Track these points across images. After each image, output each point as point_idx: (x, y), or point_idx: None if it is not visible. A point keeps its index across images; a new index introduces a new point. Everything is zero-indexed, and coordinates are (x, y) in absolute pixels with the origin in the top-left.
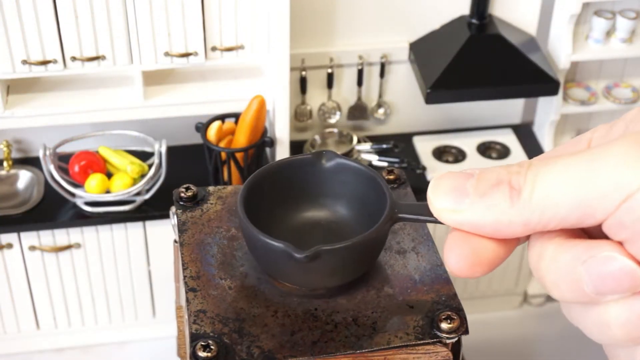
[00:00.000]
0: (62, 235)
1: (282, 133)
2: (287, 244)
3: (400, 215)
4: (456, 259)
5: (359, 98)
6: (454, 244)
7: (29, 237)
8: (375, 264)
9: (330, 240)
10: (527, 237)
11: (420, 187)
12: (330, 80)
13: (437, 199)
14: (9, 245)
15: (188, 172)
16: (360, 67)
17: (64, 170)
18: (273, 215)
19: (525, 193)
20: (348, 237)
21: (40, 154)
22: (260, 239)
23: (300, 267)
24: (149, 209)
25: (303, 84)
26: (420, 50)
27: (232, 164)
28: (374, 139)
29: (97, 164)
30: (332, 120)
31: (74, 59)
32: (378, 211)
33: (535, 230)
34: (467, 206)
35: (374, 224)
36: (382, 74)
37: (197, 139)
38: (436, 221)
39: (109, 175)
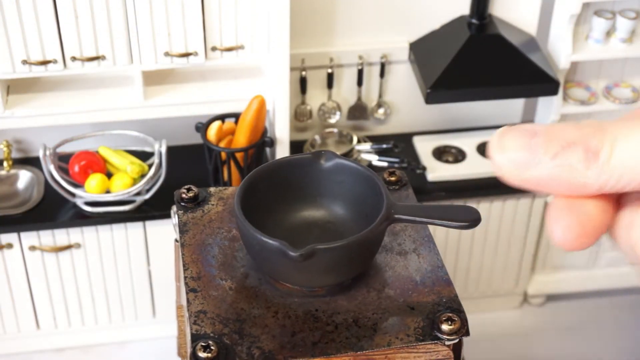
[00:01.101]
0: (62, 235)
1: (282, 133)
2: (282, 242)
3: (396, 216)
4: (562, 231)
5: (359, 98)
6: (558, 216)
7: (29, 237)
8: (376, 265)
9: (327, 240)
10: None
11: (420, 187)
12: (330, 80)
13: (503, 158)
14: (9, 245)
15: (188, 172)
16: (360, 67)
17: (64, 170)
18: (271, 213)
19: (603, 156)
20: (345, 237)
21: (40, 154)
22: (256, 237)
23: (295, 266)
24: (149, 209)
25: (303, 84)
26: (420, 50)
27: (232, 164)
28: (374, 139)
29: (97, 164)
30: (332, 120)
31: (74, 59)
32: (375, 211)
33: (609, 192)
34: (536, 166)
35: (371, 224)
36: (382, 74)
37: (197, 139)
38: (432, 222)
39: (109, 175)
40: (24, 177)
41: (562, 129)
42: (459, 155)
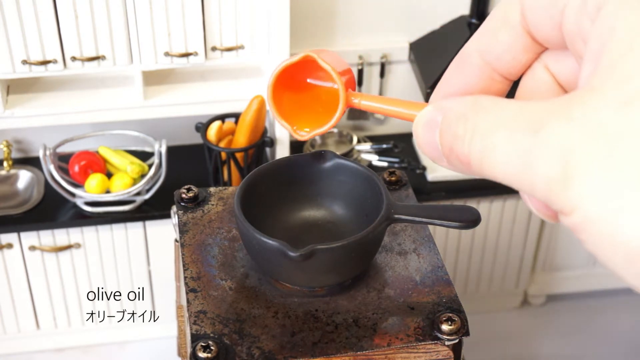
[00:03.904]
0: (62, 235)
1: (282, 133)
2: (282, 242)
3: (396, 216)
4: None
5: None
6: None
7: (29, 237)
8: (376, 265)
9: (327, 240)
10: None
11: (420, 187)
12: None
13: (422, 150)
14: (9, 245)
15: (188, 172)
16: (360, 67)
17: (64, 170)
18: (271, 214)
19: (474, 167)
20: (345, 237)
21: (40, 154)
22: (256, 237)
23: (295, 266)
24: (149, 209)
25: None
26: (420, 50)
27: (232, 164)
28: (374, 139)
29: (97, 164)
30: None
31: (74, 59)
32: (375, 211)
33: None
34: (440, 161)
35: (371, 224)
36: (382, 74)
37: (197, 139)
38: (432, 222)
39: (109, 175)
40: (24, 177)
41: (448, 125)
42: None
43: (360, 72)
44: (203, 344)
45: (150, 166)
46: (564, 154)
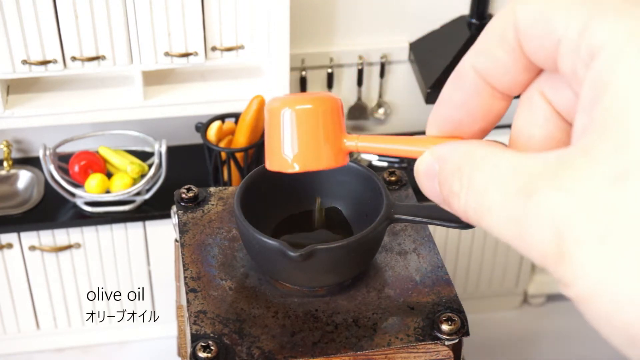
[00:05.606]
0: (62, 235)
1: None
2: (282, 243)
3: (396, 216)
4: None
5: (359, 98)
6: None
7: (29, 237)
8: (376, 265)
9: (327, 240)
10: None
11: None
12: (330, 80)
13: (427, 196)
14: (9, 245)
15: (188, 172)
16: (360, 67)
17: (64, 170)
18: (271, 214)
19: (473, 222)
20: (345, 237)
21: (40, 154)
22: (255, 237)
23: (295, 266)
24: (149, 209)
25: (303, 84)
26: (420, 50)
27: (232, 164)
28: None
29: (97, 164)
30: None
31: (74, 59)
32: (375, 211)
33: None
34: (443, 205)
35: (371, 223)
36: (382, 74)
37: (197, 139)
38: (432, 222)
39: (109, 175)
40: (24, 177)
41: (445, 176)
42: None
43: (360, 72)
44: (203, 344)
45: (150, 166)
46: (557, 226)
